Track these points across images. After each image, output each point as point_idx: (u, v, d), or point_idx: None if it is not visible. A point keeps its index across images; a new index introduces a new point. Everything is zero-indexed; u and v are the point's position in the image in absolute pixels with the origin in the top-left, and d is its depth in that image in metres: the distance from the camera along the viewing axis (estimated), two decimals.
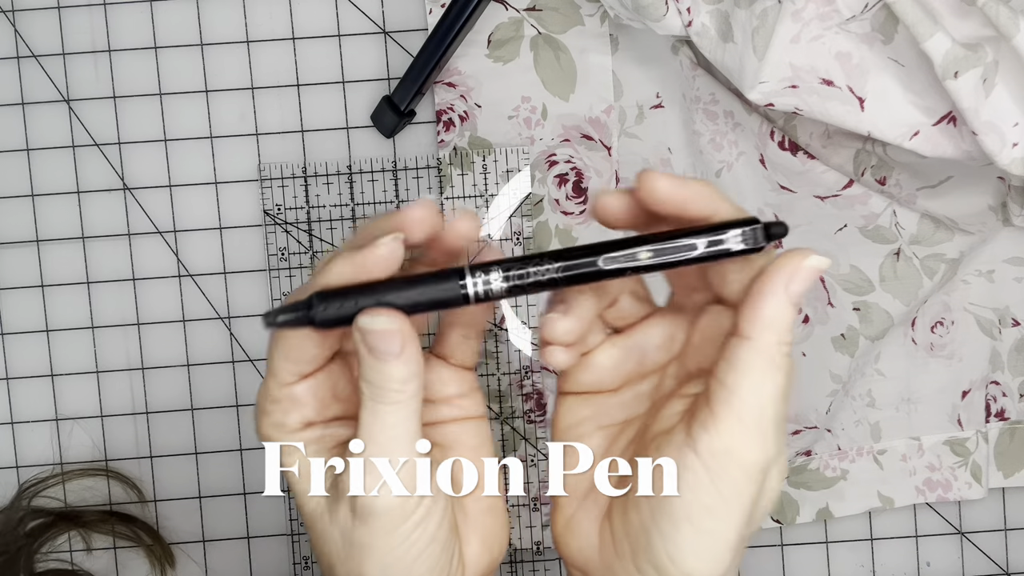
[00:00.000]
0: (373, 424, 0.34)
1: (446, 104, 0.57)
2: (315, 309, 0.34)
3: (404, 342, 0.33)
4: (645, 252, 0.34)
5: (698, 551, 0.34)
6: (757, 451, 0.33)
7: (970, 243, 0.56)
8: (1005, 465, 0.59)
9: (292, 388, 0.36)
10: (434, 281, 0.34)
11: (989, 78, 0.45)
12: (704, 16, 0.50)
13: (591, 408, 0.39)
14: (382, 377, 0.34)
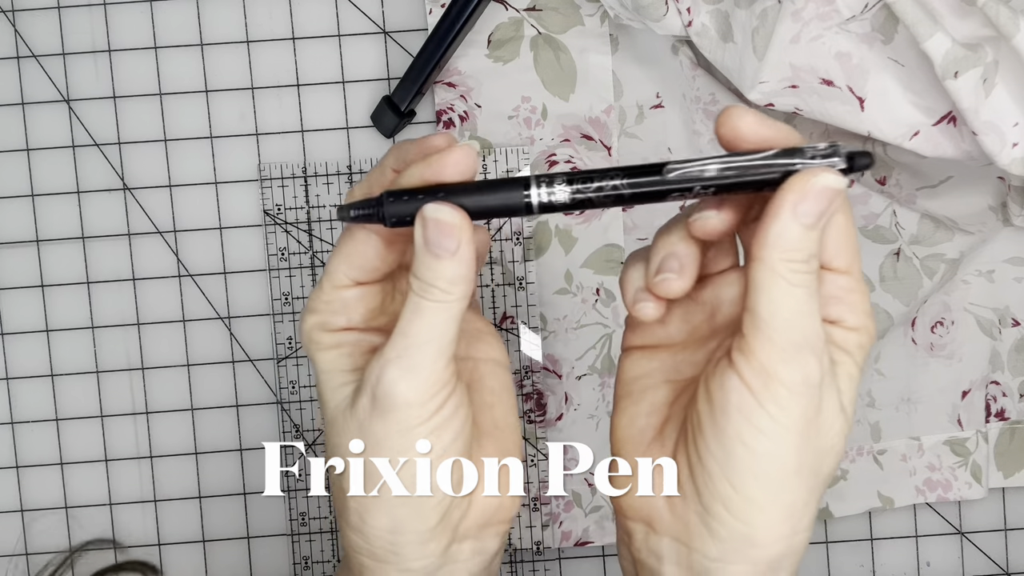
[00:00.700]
0: (413, 319, 0.35)
1: (446, 104, 0.57)
2: (385, 205, 0.34)
3: (461, 242, 0.34)
4: (714, 165, 0.33)
5: (758, 475, 0.34)
6: (794, 368, 0.33)
7: (970, 243, 0.56)
8: (1005, 465, 0.59)
9: (344, 292, 0.37)
10: (500, 188, 0.34)
11: (989, 78, 0.45)
12: (704, 16, 0.50)
13: (657, 362, 0.39)
14: (433, 274, 0.34)
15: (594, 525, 0.58)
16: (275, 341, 0.58)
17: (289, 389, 0.58)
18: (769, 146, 0.34)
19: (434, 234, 0.34)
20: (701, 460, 0.35)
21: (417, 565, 0.37)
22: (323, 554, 0.58)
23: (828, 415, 0.35)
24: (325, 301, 0.37)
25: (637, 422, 0.38)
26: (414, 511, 0.36)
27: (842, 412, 0.35)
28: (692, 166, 0.33)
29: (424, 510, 0.36)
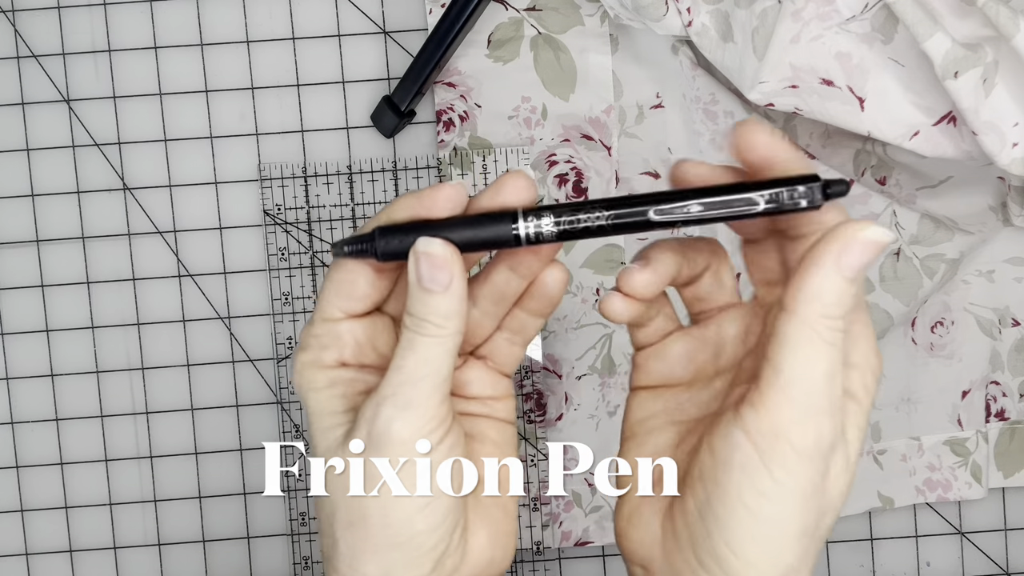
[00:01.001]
0: (408, 354, 0.35)
1: (446, 104, 0.57)
2: (377, 241, 0.35)
3: (453, 276, 0.34)
4: (696, 205, 0.34)
5: (757, 538, 0.33)
6: (809, 432, 0.32)
7: (970, 243, 0.56)
8: (1005, 465, 0.59)
9: (336, 325, 0.37)
10: (488, 222, 0.35)
11: (989, 78, 0.45)
12: (704, 16, 0.50)
13: (663, 403, 0.38)
14: (427, 309, 0.34)
15: (594, 525, 0.58)
16: (275, 341, 0.58)
17: (289, 389, 0.58)
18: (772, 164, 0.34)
19: (426, 269, 0.34)
20: (700, 515, 0.34)
21: None
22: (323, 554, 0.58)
23: (834, 475, 0.34)
24: (315, 335, 0.37)
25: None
26: (407, 557, 0.35)
27: (848, 469, 0.34)
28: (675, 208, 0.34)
29: (418, 556, 0.36)
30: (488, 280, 0.38)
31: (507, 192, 0.35)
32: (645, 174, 0.57)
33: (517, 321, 0.39)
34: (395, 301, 0.38)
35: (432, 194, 0.35)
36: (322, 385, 0.37)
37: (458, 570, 0.37)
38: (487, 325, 0.39)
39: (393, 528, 0.35)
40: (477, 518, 0.38)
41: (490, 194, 0.35)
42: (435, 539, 0.36)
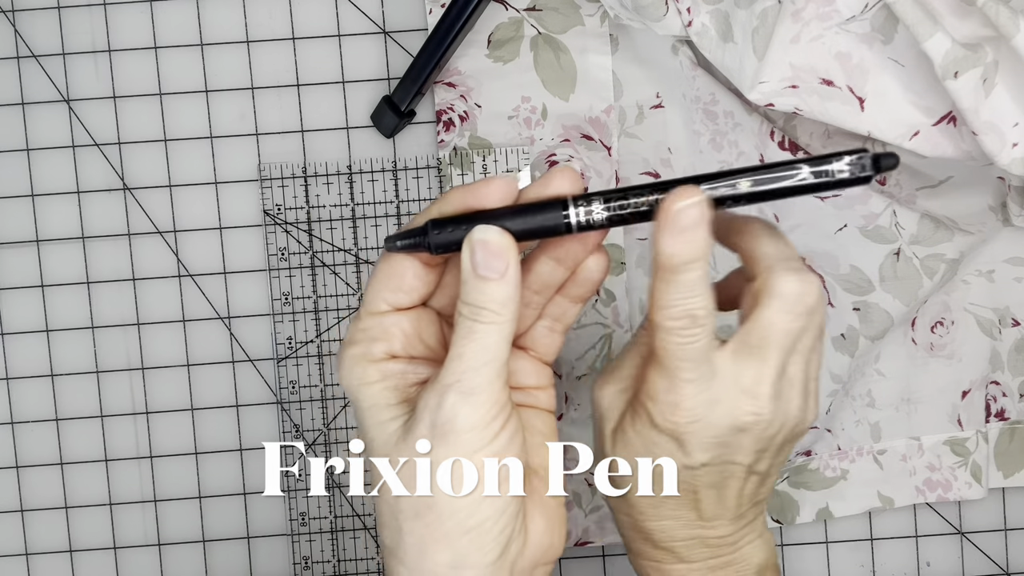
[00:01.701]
0: (468, 342, 0.35)
1: (446, 104, 0.57)
2: (430, 234, 0.35)
3: (509, 263, 0.35)
4: (745, 181, 0.34)
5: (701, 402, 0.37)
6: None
7: (970, 243, 0.56)
8: (1005, 465, 0.59)
9: (383, 318, 0.38)
10: (540, 210, 0.35)
11: (989, 78, 0.45)
12: (704, 16, 0.50)
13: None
14: (484, 297, 0.35)
15: (594, 525, 0.58)
16: (275, 341, 0.58)
17: (289, 389, 0.58)
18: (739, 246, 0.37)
19: (482, 256, 0.35)
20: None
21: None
22: (323, 554, 0.58)
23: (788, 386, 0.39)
24: (362, 329, 0.38)
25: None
26: (477, 543, 0.36)
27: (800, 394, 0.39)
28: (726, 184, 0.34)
29: (487, 541, 0.36)
30: (532, 270, 0.39)
31: (556, 184, 0.36)
32: (645, 174, 0.57)
33: (558, 308, 0.40)
34: (440, 296, 0.39)
35: (484, 186, 0.36)
36: (374, 379, 0.37)
37: (522, 555, 0.38)
38: (529, 314, 0.40)
39: (461, 515, 0.36)
40: (533, 506, 0.39)
41: (539, 186, 0.36)
42: (502, 524, 0.37)
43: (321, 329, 0.58)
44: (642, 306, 0.58)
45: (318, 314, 0.58)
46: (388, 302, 0.38)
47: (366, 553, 0.59)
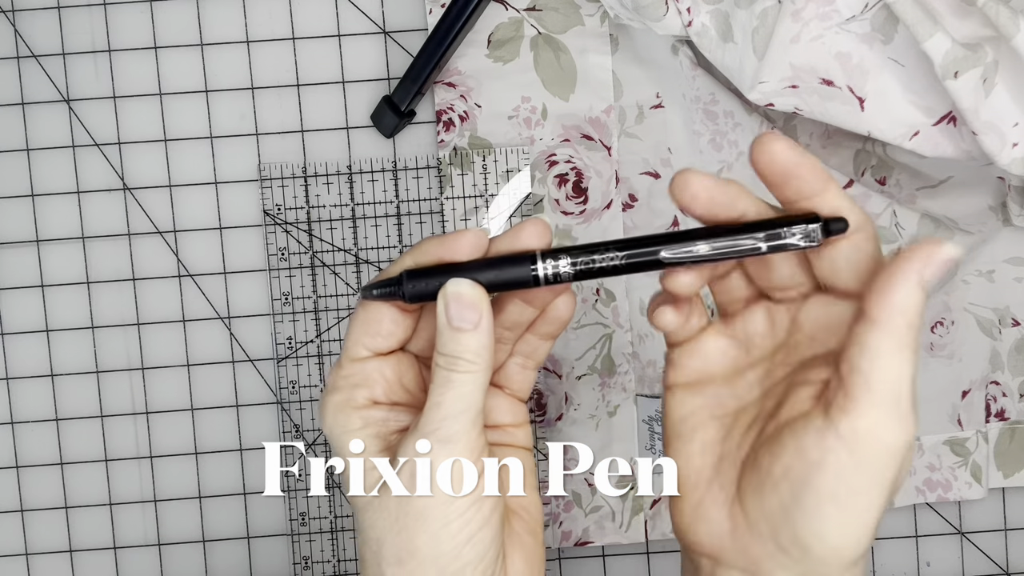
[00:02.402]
0: (445, 391, 0.36)
1: (446, 104, 0.57)
2: (405, 284, 0.37)
3: (481, 315, 0.37)
4: (704, 246, 0.36)
5: (844, 528, 0.35)
6: (898, 431, 0.34)
7: (970, 243, 0.56)
8: (1005, 465, 0.59)
9: (364, 364, 0.39)
10: (509, 264, 0.37)
11: (989, 78, 0.45)
12: (704, 16, 0.50)
13: (702, 399, 0.40)
14: (459, 347, 0.36)
15: (594, 525, 0.58)
16: (275, 341, 0.58)
17: (289, 389, 0.58)
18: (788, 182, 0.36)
19: (456, 309, 0.36)
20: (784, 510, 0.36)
21: None
22: (323, 554, 0.58)
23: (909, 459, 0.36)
24: (344, 376, 0.39)
25: (692, 462, 0.39)
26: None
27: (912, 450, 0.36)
28: (685, 248, 0.36)
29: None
30: (503, 310, 0.40)
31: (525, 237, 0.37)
32: (645, 174, 0.57)
33: (529, 346, 0.41)
34: (417, 339, 0.40)
35: (455, 239, 0.37)
36: (356, 427, 0.38)
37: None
38: (501, 351, 0.41)
39: (443, 560, 0.37)
40: (511, 545, 0.40)
41: (509, 238, 0.38)
42: (482, 568, 0.37)
43: (321, 329, 0.58)
44: (642, 306, 0.58)
45: (318, 314, 0.58)
46: (368, 347, 0.39)
47: None
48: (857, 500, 0.35)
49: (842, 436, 0.34)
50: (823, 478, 0.34)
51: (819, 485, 0.35)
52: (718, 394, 0.39)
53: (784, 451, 0.36)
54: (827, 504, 0.35)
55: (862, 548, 0.35)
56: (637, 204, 0.58)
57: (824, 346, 0.37)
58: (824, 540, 0.35)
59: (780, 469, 0.36)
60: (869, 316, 0.34)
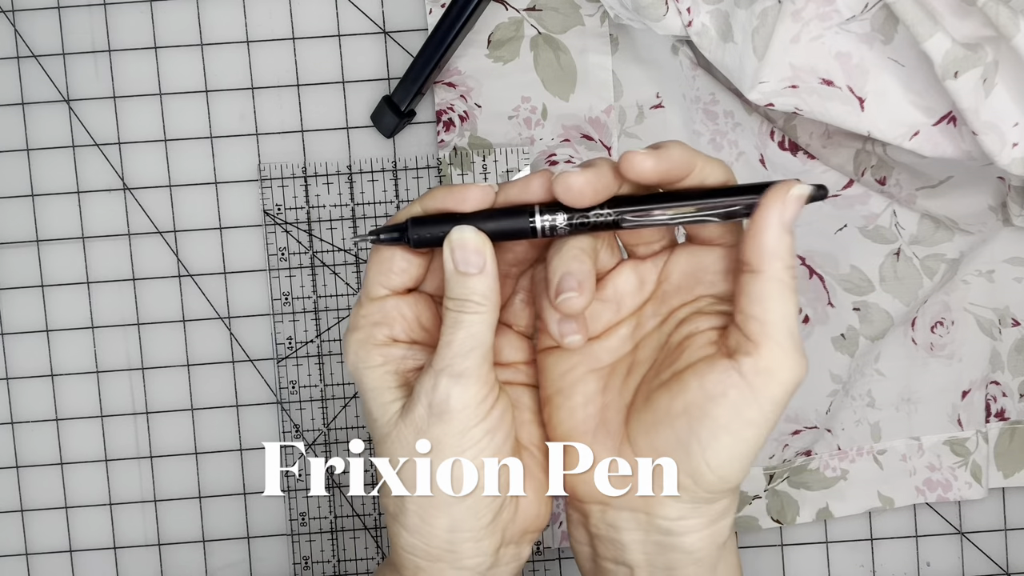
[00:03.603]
0: (456, 331, 0.39)
1: (446, 104, 0.57)
2: (410, 231, 0.39)
3: (486, 259, 0.39)
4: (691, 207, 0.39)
5: (734, 456, 0.39)
6: (794, 367, 0.38)
7: (970, 243, 0.56)
8: (1005, 465, 0.59)
9: (382, 303, 0.41)
10: (510, 215, 0.39)
11: (989, 78, 0.45)
12: (704, 16, 0.50)
13: (578, 356, 0.42)
14: (466, 291, 0.39)
15: None
16: (275, 341, 0.58)
17: (289, 389, 0.58)
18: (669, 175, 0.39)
19: (461, 255, 0.39)
20: (678, 440, 0.39)
21: (471, 563, 0.41)
22: (323, 554, 0.58)
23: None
24: (364, 315, 0.41)
25: (576, 414, 0.42)
26: (470, 510, 0.40)
27: None
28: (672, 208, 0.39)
29: (479, 508, 0.40)
30: (509, 249, 0.42)
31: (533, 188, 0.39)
32: None
33: (529, 279, 0.43)
34: (432, 280, 0.42)
35: (464, 190, 0.39)
36: (376, 363, 0.41)
37: (513, 521, 0.42)
38: (506, 288, 0.43)
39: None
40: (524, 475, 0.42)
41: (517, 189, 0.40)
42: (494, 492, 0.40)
43: (321, 329, 0.58)
44: None
45: (318, 314, 0.58)
46: (384, 286, 0.41)
47: (366, 553, 0.59)
48: (747, 431, 0.38)
49: (744, 375, 0.38)
50: (721, 410, 0.38)
51: (717, 415, 0.38)
52: (592, 350, 0.42)
53: (686, 390, 0.39)
54: (722, 433, 0.38)
55: (743, 476, 0.40)
56: None
57: (689, 293, 0.41)
58: (714, 467, 0.39)
59: (680, 406, 0.39)
60: (751, 266, 0.38)
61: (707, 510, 0.40)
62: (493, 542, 0.41)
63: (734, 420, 0.38)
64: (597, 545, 0.42)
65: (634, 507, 0.41)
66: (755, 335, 0.38)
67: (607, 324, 0.42)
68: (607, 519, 0.42)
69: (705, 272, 0.41)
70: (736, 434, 0.38)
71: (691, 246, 0.41)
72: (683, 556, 0.41)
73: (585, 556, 0.44)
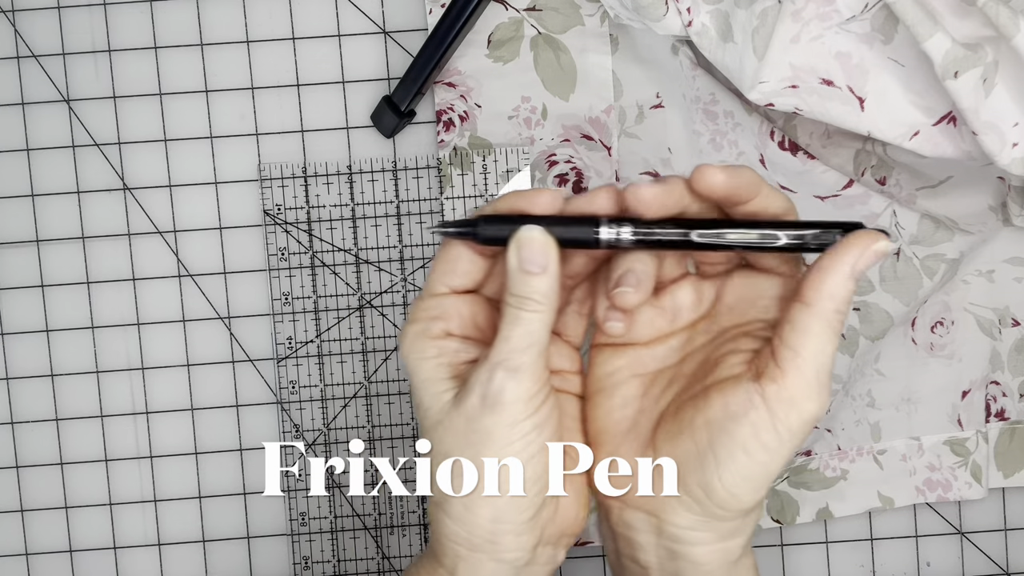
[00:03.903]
0: (514, 327, 0.40)
1: (446, 104, 0.57)
2: (480, 226, 0.40)
3: (549, 260, 0.39)
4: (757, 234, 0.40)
5: (746, 476, 0.40)
6: (816, 402, 0.39)
7: (970, 243, 0.56)
8: (1005, 465, 0.59)
9: (442, 299, 0.42)
10: (577, 223, 0.40)
11: (989, 78, 0.45)
12: (704, 16, 0.50)
13: (625, 359, 0.44)
14: (528, 289, 0.39)
15: (594, 525, 0.58)
16: (275, 341, 0.58)
17: (289, 389, 0.58)
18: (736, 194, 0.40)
19: (527, 253, 0.39)
20: (697, 452, 0.40)
21: (510, 556, 0.41)
22: (323, 554, 0.58)
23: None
24: (424, 309, 0.42)
25: (613, 414, 0.43)
26: (514, 504, 0.41)
27: None
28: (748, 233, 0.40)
29: (523, 503, 0.41)
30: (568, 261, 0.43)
31: (599, 202, 0.41)
32: (645, 174, 0.57)
33: (584, 292, 0.44)
34: (491, 284, 0.43)
35: (535, 194, 0.41)
36: (431, 354, 0.42)
37: (552, 521, 0.43)
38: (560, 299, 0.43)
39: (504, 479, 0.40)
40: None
41: (583, 201, 0.41)
42: (538, 487, 0.41)
43: (321, 329, 0.58)
44: None
45: (318, 314, 0.58)
46: (446, 284, 0.42)
47: (366, 553, 0.59)
48: (762, 455, 0.39)
49: (767, 399, 0.39)
50: (741, 429, 0.39)
51: (734, 434, 0.39)
52: (640, 356, 0.43)
53: (710, 405, 0.40)
54: (738, 452, 0.39)
55: (755, 500, 0.41)
56: None
57: (742, 316, 0.42)
58: (726, 484, 0.40)
59: (702, 420, 0.40)
60: (803, 299, 0.39)
61: (718, 526, 0.41)
62: (532, 537, 0.42)
63: (751, 441, 0.39)
64: (618, 541, 0.44)
65: (647, 509, 0.42)
66: (785, 363, 0.39)
67: (659, 332, 0.43)
68: (624, 518, 0.43)
69: (760, 298, 0.42)
70: (751, 455, 0.39)
71: (749, 271, 0.42)
72: (691, 567, 0.42)
73: (610, 550, 0.45)
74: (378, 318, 0.58)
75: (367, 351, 0.58)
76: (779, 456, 0.40)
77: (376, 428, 0.58)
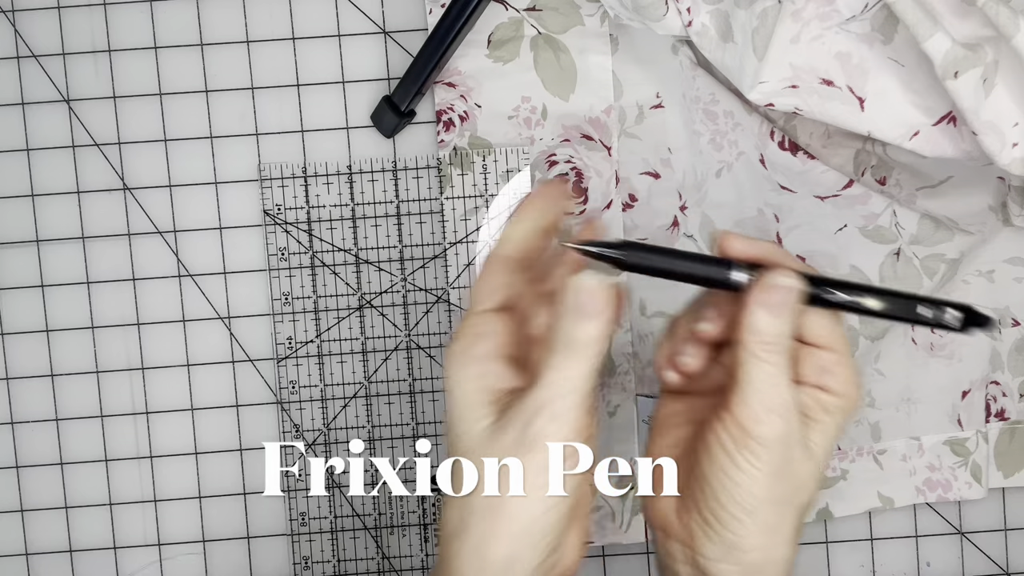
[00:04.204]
0: (559, 372, 0.41)
1: (446, 104, 0.57)
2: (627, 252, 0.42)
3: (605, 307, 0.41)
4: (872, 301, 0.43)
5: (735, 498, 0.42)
6: (766, 426, 0.42)
7: (970, 243, 0.56)
8: (1005, 465, 0.59)
9: (486, 315, 0.44)
10: (707, 262, 0.43)
11: (989, 78, 0.45)
12: (704, 16, 0.50)
13: (685, 405, 0.47)
14: (578, 332, 0.40)
15: (594, 525, 0.58)
16: (275, 341, 0.58)
17: (289, 389, 0.58)
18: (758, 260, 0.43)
19: (586, 298, 0.40)
20: (706, 483, 0.43)
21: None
22: (323, 554, 0.58)
23: (797, 460, 0.43)
24: (470, 326, 0.43)
25: (661, 451, 0.46)
26: (531, 544, 0.42)
27: (811, 459, 0.43)
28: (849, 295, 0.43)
29: (539, 544, 0.42)
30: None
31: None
32: (645, 174, 0.57)
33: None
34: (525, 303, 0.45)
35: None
36: (472, 376, 0.43)
37: (560, 562, 0.44)
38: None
39: (528, 519, 0.41)
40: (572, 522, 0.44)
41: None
42: (557, 531, 0.42)
43: (321, 329, 0.58)
44: (642, 307, 0.58)
45: (318, 314, 0.58)
46: (491, 300, 0.44)
47: (366, 553, 0.59)
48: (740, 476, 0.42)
49: (726, 427, 0.42)
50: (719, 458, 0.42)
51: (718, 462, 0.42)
52: (698, 404, 0.46)
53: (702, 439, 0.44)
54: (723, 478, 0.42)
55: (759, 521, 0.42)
56: (637, 204, 0.58)
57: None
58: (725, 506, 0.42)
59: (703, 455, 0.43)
60: (737, 339, 0.42)
61: (741, 557, 0.43)
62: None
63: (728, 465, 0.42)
64: (664, 573, 0.46)
65: (682, 539, 0.44)
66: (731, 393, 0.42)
67: (717, 384, 0.45)
68: (666, 547, 0.45)
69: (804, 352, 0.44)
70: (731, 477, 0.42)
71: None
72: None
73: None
74: (378, 318, 0.58)
75: (367, 351, 0.58)
76: (757, 478, 0.42)
77: (376, 428, 0.58)
